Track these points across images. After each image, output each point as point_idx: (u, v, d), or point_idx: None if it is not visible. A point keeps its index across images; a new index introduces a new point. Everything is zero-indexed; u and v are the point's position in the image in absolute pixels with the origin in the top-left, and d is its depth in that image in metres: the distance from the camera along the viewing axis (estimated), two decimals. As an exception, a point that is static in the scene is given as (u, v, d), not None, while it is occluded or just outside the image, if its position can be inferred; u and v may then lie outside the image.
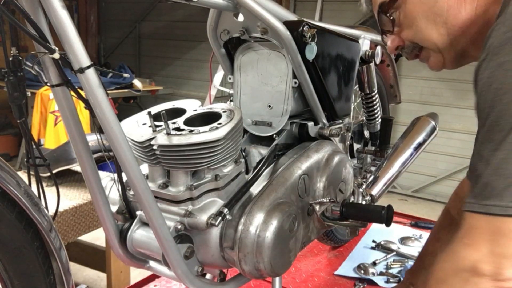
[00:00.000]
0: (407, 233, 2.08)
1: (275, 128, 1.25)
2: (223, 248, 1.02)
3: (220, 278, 1.13)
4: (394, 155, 1.71)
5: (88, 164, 0.93)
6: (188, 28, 5.45)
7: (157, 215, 0.94)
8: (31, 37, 0.81)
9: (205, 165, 0.97)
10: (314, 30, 1.16)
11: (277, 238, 1.00)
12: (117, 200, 1.06)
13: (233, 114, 1.01)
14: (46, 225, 0.89)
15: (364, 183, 1.62)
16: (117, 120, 0.88)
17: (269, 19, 1.11)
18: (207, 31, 1.26)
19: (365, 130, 1.81)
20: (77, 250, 2.22)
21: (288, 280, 1.68)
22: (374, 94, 1.67)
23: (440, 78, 4.13)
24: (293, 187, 1.12)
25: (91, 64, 0.83)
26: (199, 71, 5.50)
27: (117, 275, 2.05)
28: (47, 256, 0.92)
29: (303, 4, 4.75)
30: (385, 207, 1.19)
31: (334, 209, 1.22)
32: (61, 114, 0.90)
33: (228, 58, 1.30)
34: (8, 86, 0.87)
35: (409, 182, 4.42)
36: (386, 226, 1.19)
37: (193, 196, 0.99)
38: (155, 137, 0.97)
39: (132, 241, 1.02)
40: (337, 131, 1.31)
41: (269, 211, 1.01)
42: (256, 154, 1.25)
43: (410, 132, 1.78)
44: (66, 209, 1.64)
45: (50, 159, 1.21)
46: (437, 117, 1.85)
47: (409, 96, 4.20)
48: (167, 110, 1.03)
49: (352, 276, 1.72)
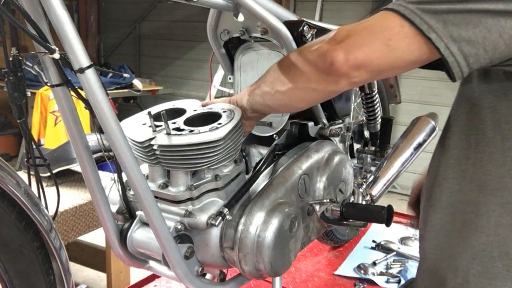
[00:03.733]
0: (407, 233, 2.08)
1: (275, 128, 1.25)
2: (223, 248, 1.02)
3: (220, 278, 1.13)
4: (394, 155, 1.71)
5: (88, 164, 0.93)
6: (188, 28, 5.45)
7: (157, 215, 0.93)
8: (31, 37, 0.81)
9: (205, 165, 0.97)
10: (314, 30, 1.16)
11: (277, 238, 1.00)
12: (117, 200, 1.06)
13: (233, 114, 1.01)
14: (46, 225, 0.89)
15: (364, 183, 1.62)
16: (117, 120, 0.87)
17: (269, 19, 1.11)
18: (207, 31, 1.26)
19: (365, 130, 1.81)
20: (77, 250, 2.22)
21: (288, 280, 1.68)
22: (374, 94, 1.67)
23: (440, 78, 4.12)
24: (293, 187, 1.12)
25: (91, 64, 0.83)
26: (199, 71, 5.50)
27: (117, 275, 2.05)
28: (47, 256, 0.92)
29: (303, 4, 4.75)
30: (385, 207, 1.19)
31: (334, 209, 1.22)
32: (61, 114, 0.90)
33: (228, 58, 1.30)
34: (8, 86, 0.87)
35: (409, 182, 4.38)
36: (386, 226, 1.19)
37: (193, 196, 0.99)
38: (155, 137, 0.97)
39: (132, 241, 1.02)
40: (337, 131, 1.31)
41: (269, 211, 1.01)
42: (256, 154, 1.25)
43: (410, 132, 1.78)
44: (66, 209, 1.64)
45: (50, 159, 1.21)
46: (437, 117, 1.85)
47: (409, 96, 4.20)
48: (167, 110, 1.03)
49: (352, 276, 1.72)
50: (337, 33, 0.82)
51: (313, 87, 0.86)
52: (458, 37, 0.70)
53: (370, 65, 0.77)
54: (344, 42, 0.79)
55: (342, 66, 0.78)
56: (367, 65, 0.77)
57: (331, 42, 0.81)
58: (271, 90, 0.94)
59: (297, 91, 0.90)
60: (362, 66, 0.77)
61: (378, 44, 0.75)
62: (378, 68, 0.77)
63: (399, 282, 1.67)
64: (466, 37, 0.70)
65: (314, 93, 0.88)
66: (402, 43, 0.73)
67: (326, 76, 0.82)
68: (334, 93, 0.87)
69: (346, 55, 0.77)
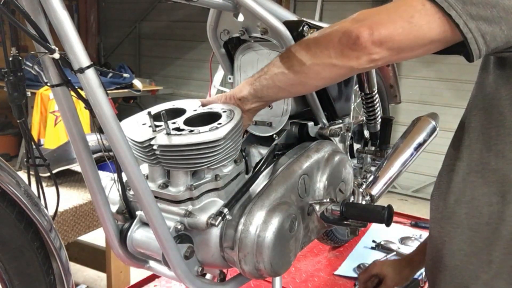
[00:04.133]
0: (407, 233, 2.07)
1: (275, 128, 1.25)
2: (223, 248, 1.02)
3: (220, 278, 1.13)
4: (394, 155, 1.71)
5: (88, 164, 0.93)
6: (188, 28, 5.45)
7: (157, 215, 0.93)
8: (31, 37, 0.81)
9: (205, 165, 0.97)
10: (314, 30, 1.16)
11: (277, 238, 1.00)
12: (117, 200, 1.05)
13: (233, 114, 1.01)
14: (46, 225, 0.89)
15: (364, 183, 1.62)
16: (117, 120, 0.87)
17: (269, 19, 1.11)
18: (207, 31, 1.26)
19: (365, 130, 1.81)
20: (77, 250, 2.22)
21: (288, 280, 1.68)
22: (374, 94, 1.67)
23: (440, 78, 4.13)
24: (293, 187, 1.12)
25: (91, 64, 0.83)
26: (199, 71, 5.49)
27: (117, 275, 2.05)
28: (47, 256, 0.92)
29: (303, 4, 4.75)
30: (385, 207, 1.19)
31: (334, 209, 1.22)
32: (61, 114, 0.90)
33: (228, 58, 1.30)
34: (8, 86, 0.87)
35: (409, 182, 4.41)
36: (386, 226, 1.19)
37: (193, 196, 0.99)
38: (155, 137, 0.97)
39: (132, 241, 1.02)
40: (337, 131, 1.31)
41: (269, 211, 1.01)
42: (256, 154, 1.25)
43: (410, 132, 1.78)
44: (66, 209, 1.64)
45: (50, 159, 1.21)
46: (437, 117, 1.85)
47: (409, 96, 4.20)
48: (167, 110, 1.03)
49: (352, 276, 1.72)
50: (359, 14, 0.85)
51: (334, 62, 0.88)
52: (476, 15, 0.73)
53: (392, 41, 0.79)
54: (368, 19, 0.81)
55: (366, 41, 0.80)
56: (389, 42, 0.79)
57: (353, 22, 0.83)
58: (284, 70, 0.95)
59: (315, 67, 0.91)
60: (384, 42, 0.79)
61: (401, 21, 0.78)
62: (399, 45, 0.79)
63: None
64: (484, 15, 0.73)
65: (333, 69, 0.90)
66: (423, 20, 0.76)
67: (349, 51, 0.84)
68: (352, 71, 0.89)
69: (371, 31, 0.80)
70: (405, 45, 0.79)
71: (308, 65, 0.91)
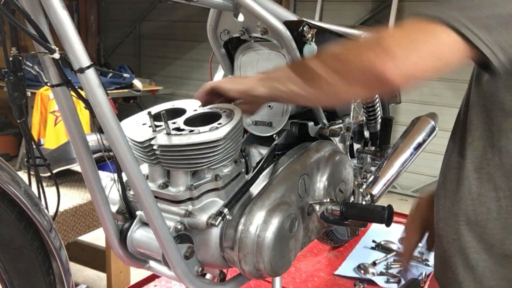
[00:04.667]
0: (407, 233, 2.07)
1: (275, 128, 1.25)
2: (223, 248, 1.02)
3: (220, 278, 1.13)
4: (394, 155, 1.71)
5: (88, 164, 0.93)
6: (188, 28, 5.45)
7: (157, 215, 0.93)
8: (31, 37, 0.81)
9: (205, 165, 0.97)
10: (314, 30, 1.16)
11: (277, 238, 1.00)
12: (117, 200, 1.06)
13: (233, 114, 1.01)
14: (46, 225, 0.89)
15: (364, 183, 1.62)
16: (117, 120, 0.88)
17: (269, 19, 1.11)
18: (207, 31, 1.26)
19: (365, 130, 1.81)
20: (77, 250, 2.22)
21: (288, 280, 1.68)
22: (374, 94, 1.67)
23: (440, 78, 4.12)
24: (293, 187, 1.12)
25: (91, 64, 0.83)
26: (199, 71, 5.49)
27: (117, 275, 2.05)
28: (47, 256, 0.92)
29: (303, 4, 4.75)
30: (385, 207, 1.19)
31: (334, 209, 1.22)
32: (61, 114, 0.90)
33: (228, 58, 1.30)
34: (8, 86, 0.87)
35: (409, 182, 4.42)
36: (386, 226, 1.19)
37: (193, 196, 0.99)
38: (155, 137, 0.97)
39: (132, 241, 1.02)
40: (337, 131, 1.31)
41: (269, 211, 1.01)
42: (256, 154, 1.25)
43: (410, 132, 1.78)
44: (66, 209, 1.64)
45: (50, 159, 1.21)
46: (437, 117, 1.85)
47: (409, 96, 4.19)
48: (167, 110, 1.03)
49: (352, 276, 1.72)
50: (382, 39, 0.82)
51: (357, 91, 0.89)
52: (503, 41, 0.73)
53: (417, 77, 0.79)
54: (392, 50, 0.79)
55: (392, 79, 0.79)
56: (415, 77, 0.79)
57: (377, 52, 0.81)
58: (303, 92, 0.93)
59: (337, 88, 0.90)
60: (410, 78, 0.79)
61: (427, 53, 0.77)
62: (423, 75, 0.79)
63: (399, 282, 1.67)
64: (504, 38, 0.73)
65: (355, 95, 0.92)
66: (451, 57, 0.76)
67: (374, 84, 0.84)
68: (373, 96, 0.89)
69: (397, 67, 0.78)
70: (430, 74, 0.79)
71: (328, 86, 0.89)
